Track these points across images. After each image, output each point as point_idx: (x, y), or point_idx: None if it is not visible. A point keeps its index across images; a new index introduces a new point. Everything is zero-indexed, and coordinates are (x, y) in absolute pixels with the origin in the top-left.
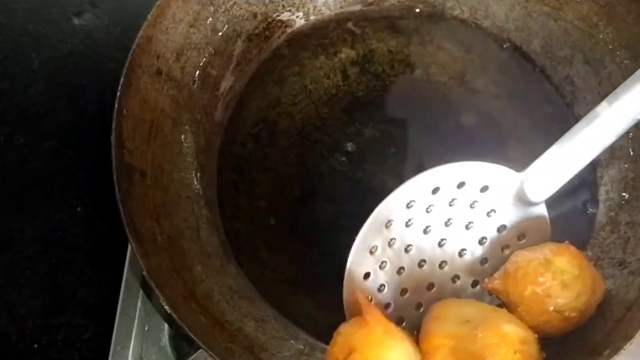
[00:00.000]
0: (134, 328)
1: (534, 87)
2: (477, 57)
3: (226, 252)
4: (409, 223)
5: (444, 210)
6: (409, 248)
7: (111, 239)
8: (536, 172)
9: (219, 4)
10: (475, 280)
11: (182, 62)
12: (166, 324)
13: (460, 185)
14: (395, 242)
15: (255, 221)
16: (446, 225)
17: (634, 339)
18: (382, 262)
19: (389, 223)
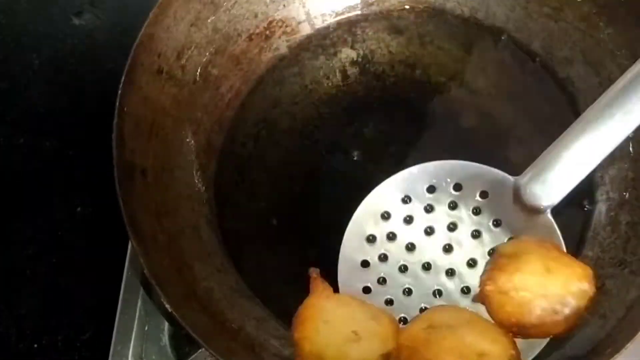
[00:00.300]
0: (134, 328)
1: (534, 88)
2: (477, 58)
3: (226, 252)
4: (408, 220)
5: (446, 213)
6: (411, 246)
7: (111, 239)
8: (533, 178)
9: (220, 3)
10: None
11: (183, 60)
12: (166, 323)
13: (457, 188)
14: (395, 237)
15: (255, 220)
16: (450, 230)
17: (635, 338)
18: (382, 254)
19: (386, 214)
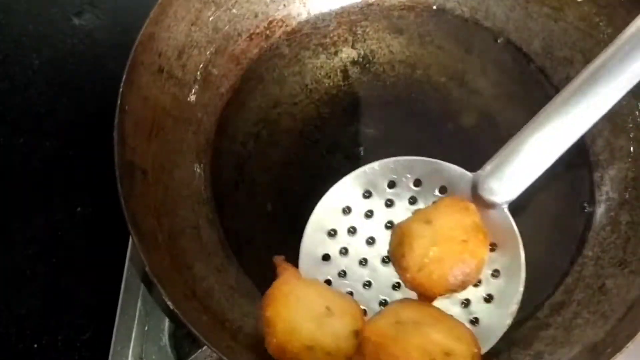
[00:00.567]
0: (134, 328)
1: (534, 88)
2: (477, 58)
3: (226, 251)
4: (369, 215)
5: (406, 208)
6: (371, 241)
7: (111, 239)
8: (490, 173)
9: (220, 2)
10: None
11: (184, 60)
12: (166, 323)
13: (417, 183)
14: (356, 231)
15: (255, 220)
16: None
17: (635, 337)
18: (342, 248)
19: (347, 209)
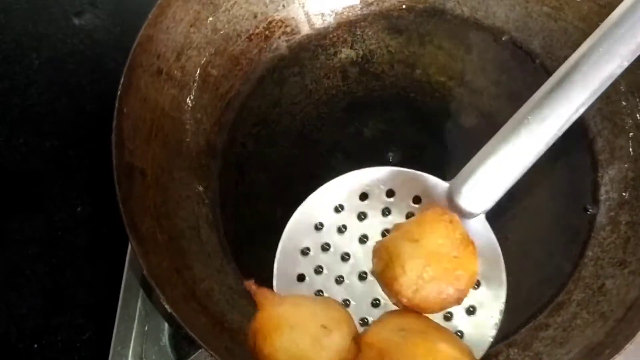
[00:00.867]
0: (134, 328)
1: (534, 87)
2: (477, 57)
3: (226, 252)
4: (342, 230)
5: (379, 220)
6: (346, 257)
7: (111, 239)
8: (466, 181)
9: (219, 3)
10: None
11: (183, 61)
12: (166, 323)
13: (390, 194)
14: (330, 248)
15: (255, 221)
16: (384, 237)
17: (634, 338)
18: (317, 267)
19: (319, 225)
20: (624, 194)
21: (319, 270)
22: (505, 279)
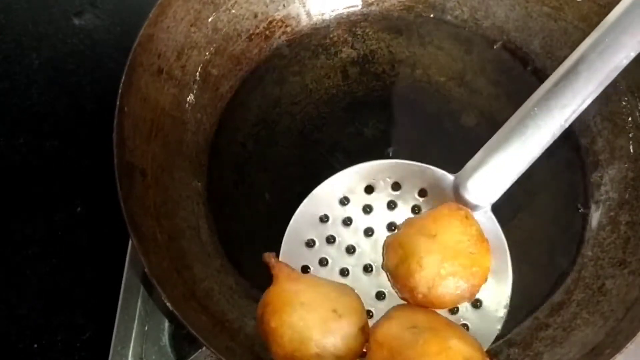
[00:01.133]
0: (134, 328)
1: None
2: (477, 58)
3: (226, 252)
4: (347, 222)
5: (385, 213)
6: (351, 249)
7: (111, 239)
8: (472, 174)
9: (220, 3)
10: None
11: (183, 61)
12: (166, 323)
13: (396, 187)
14: (335, 240)
15: (255, 221)
16: (390, 230)
17: (634, 338)
18: (322, 259)
19: (324, 217)
20: (624, 194)
21: (323, 263)
22: (511, 272)
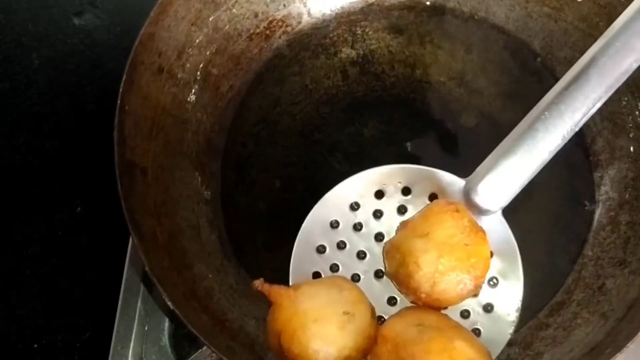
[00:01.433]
0: (134, 328)
1: (533, 88)
2: (477, 57)
3: (226, 251)
4: (358, 228)
5: (396, 218)
6: (362, 255)
7: (111, 238)
8: (483, 178)
9: (220, 2)
10: None
11: (184, 60)
12: (166, 323)
13: (406, 192)
14: (346, 246)
15: (255, 220)
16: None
17: (635, 337)
18: (333, 265)
19: (335, 223)
20: (624, 194)
21: (334, 269)
22: (522, 276)
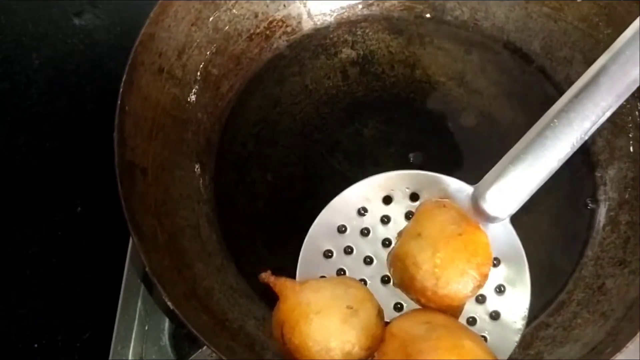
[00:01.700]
0: (134, 328)
1: (533, 88)
2: (476, 58)
3: (226, 251)
4: (365, 233)
5: (403, 224)
6: (369, 260)
7: (111, 238)
8: (491, 185)
9: (220, 2)
10: None
11: (184, 60)
12: (166, 323)
13: (414, 198)
14: (353, 251)
15: (255, 220)
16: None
17: (635, 337)
18: (340, 270)
19: (342, 228)
20: (624, 193)
21: (341, 273)
22: (530, 283)
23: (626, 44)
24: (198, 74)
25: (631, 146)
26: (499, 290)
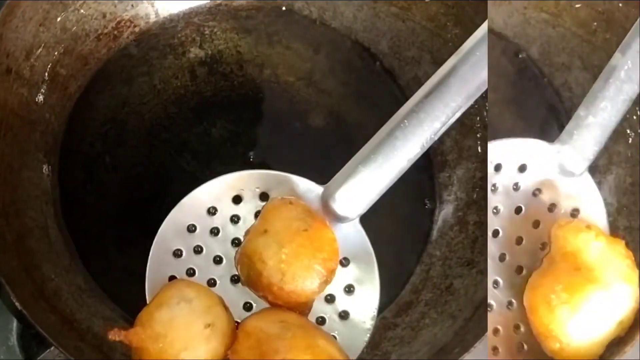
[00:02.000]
0: None
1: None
2: (325, 58)
3: (75, 252)
4: (215, 232)
5: (253, 223)
6: (218, 259)
7: None
8: (341, 185)
9: (68, 2)
10: None
11: (32, 60)
12: (15, 323)
13: (264, 197)
14: (202, 250)
15: (103, 220)
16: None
17: (482, 337)
18: (189, 269)
19: (192, 227)
20: (472, 194)
21: (190, 273)
22: (379, 284)
23: (476, 45)
24: (46, 74)
25: (479, 146)
26: (349, 290)
